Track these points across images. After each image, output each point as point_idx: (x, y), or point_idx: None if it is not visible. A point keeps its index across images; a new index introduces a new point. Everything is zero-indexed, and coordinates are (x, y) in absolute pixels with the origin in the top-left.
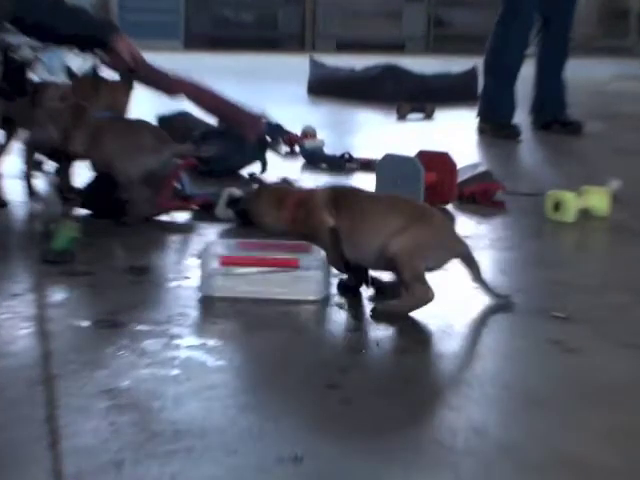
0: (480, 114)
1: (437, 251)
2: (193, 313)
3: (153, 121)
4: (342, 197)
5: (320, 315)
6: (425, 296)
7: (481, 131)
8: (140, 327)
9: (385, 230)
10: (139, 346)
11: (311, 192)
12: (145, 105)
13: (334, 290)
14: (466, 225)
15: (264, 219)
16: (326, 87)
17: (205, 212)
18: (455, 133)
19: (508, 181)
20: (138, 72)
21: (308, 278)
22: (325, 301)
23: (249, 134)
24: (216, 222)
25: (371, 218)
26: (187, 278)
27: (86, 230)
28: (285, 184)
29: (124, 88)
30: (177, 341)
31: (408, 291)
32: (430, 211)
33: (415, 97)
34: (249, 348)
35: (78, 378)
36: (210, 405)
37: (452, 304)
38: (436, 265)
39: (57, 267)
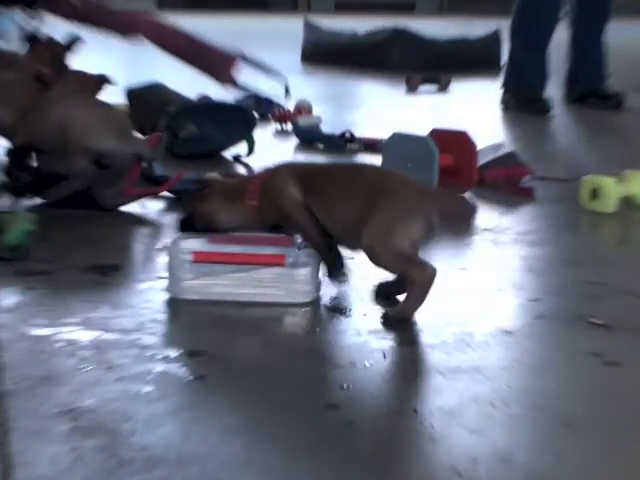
0: (505, 85)
1: (415, 223)
2: (168, 319)
3: (121, 95)
4: (306, 175)
5: (313, 320)
6: (423, 276)
7: (506, 105)
8: (106, 336)
9: (352, 213)
10: (105, 358)
11: (273, 173)
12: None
13: (328, 290)
14: (488, 216)
15: (219, 217)
16: (323, 54)
17: (180, 200)
18: (474, 108)
19: (537, 164)
20: (88, 14)
21: (297, 277)
22: (316, 303)
23: (221, 77)
24: None
25: (335, 199)
26: (160, 278)
27: (42, 222)
28: (228, 177)
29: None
30: (149, 352)
31: (408, 280)
32: (393, 180)
33: (427, 66)
34: (233, 361)
35: (34, 396)
36: (188, 428)
37: (471, 308)
38: (426, 237)
39: (9, 265)
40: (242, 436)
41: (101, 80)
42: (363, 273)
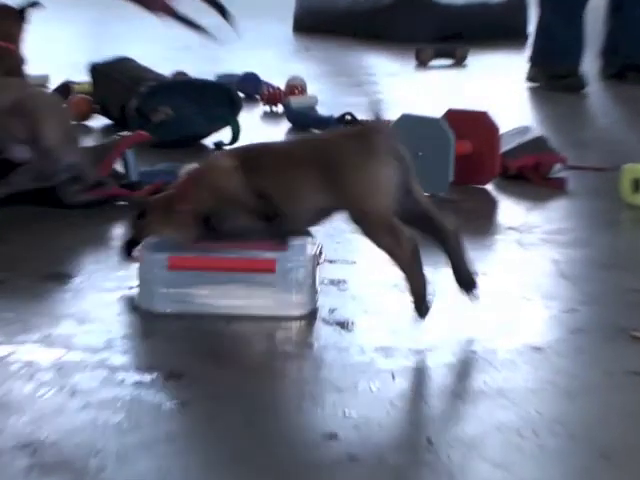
0: (532, 58)
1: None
2: (140, 336)
3: (84, 71)
4: (252, 160)
5: (308, 336)
6: (397, 249)
7: (533, 81)
8: (69, 356)
9: (310, 191)
10: (68, 382)
11: (208, 163)
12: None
13: (326, 300)
14: (512, 213)
15: (164, 235)
16: (318, 22)
17: None
18: (496, 85)
19: (569, 151)
20: None
21: (289, 285)
22: (313, 316)
23: (153, 4)
24: None
25: (289, 179)
26: (131, 288)
27: None
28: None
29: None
30: (120, 375)
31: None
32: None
33: (441, 36)
34: (216, 385)
35: None
36: (166, 463)
37: (494, 321)
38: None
39: None
40: (228, 472)
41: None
42: (367, 280)
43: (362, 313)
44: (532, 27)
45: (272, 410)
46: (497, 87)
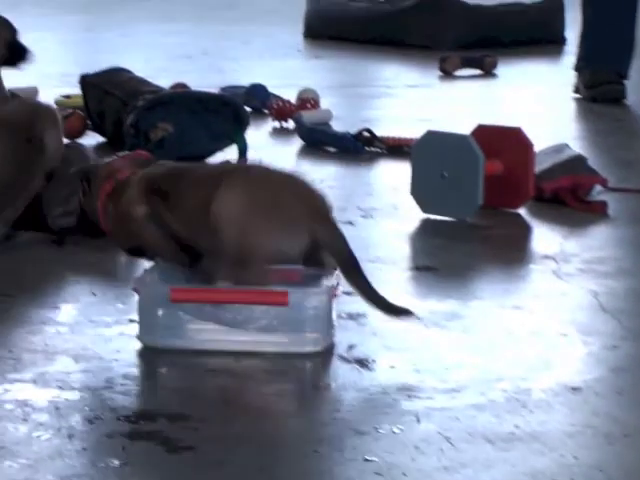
0: (575, 65)
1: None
2: (142, 375)
3: (75, 83)
4: (172, 180)
5: (325, 375)
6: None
7: (577, 92)
8: (66, 395)
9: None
10: (65, 424)
11: (124, 204)
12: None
13: (344, 335)
14: (548, 240)
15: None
16: (332, 28)
17: None
18: (529, 97)
19: (611, 171)
20: None
21: (303, 320)
22: (329, 353)
23: None
24: None
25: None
26: (131, 322)
27: None
28: None
29: None
30: (121, 417)
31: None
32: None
33: (468, 42)
34: (225, 428)
35: None
36: None
37: (528, 358)
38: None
39: None
40: None
41: None
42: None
43: (383, 350)
44: (570, 31)
45: (286, 455)
46: (531, 100)
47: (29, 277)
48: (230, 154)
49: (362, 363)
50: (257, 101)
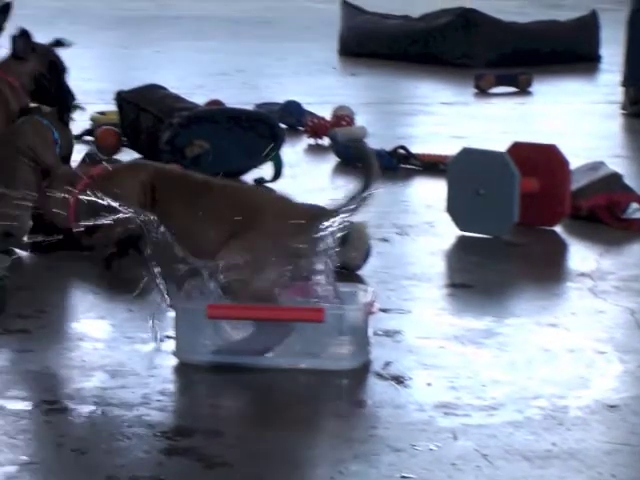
0: (623, 81)
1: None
2: (178, 391)
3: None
4: (163, 179)
5: (361, 392)
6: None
7: (624, 108)
8: (103, 410)
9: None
10: (102, 439)
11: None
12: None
13: (380, 352)
14: (584, 257)
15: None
16: (367, 45)
17: None
18: (565, 115)
19: None
20: None
21: (339, 337)
22: (365, 370)
23: None
24: None
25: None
26: (168, 338)
27: (17, 267)
28: None
29: None
30: (157, 432)
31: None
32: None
33: (503, 60)
34: (260, 444)
35: None
36: None
37: (564, 376)
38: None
39: None
40: None
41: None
42: (424, 331)
43: (419, 367)
44: (605, 49)
45: (322, 472)
46: (566, 117)
47: (63, 293)
48: (265, 171)
49: (398, 380)
50: (292, 118)
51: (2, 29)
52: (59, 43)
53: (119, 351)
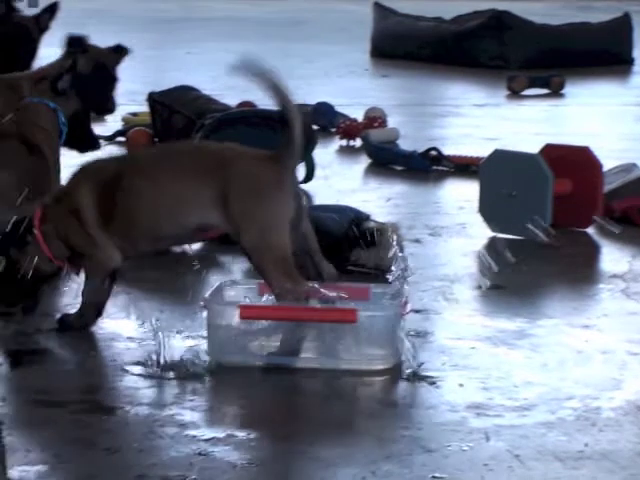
0: None
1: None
2: (211, 390)
3: (143, 100)
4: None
5: (393, 393)
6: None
7: None
8: (135, 411)
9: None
10: (134, 438)
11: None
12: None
13: (410, 354)
14: (617, 258)
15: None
16: (399, 47)
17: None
18: (598, 117)
19: None
20: None
21: (371, 337)
22: (397, 370)
23: None
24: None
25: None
26: (203, 337)
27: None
28: None
29: None
30: (190, 432)
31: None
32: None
33: (536, 62)
34: (292, 442)
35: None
36: None
37: (597, 377)
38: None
39: (7, 320)
40: None
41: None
42: (455, 332)
43: (451, 368)
44: (636, 51)
45: (354, 472)
46: (599, 119)
47: None
48: (298, 172)
49: (430, 381)
50: (324, 120)
51: (47, 28)
52: (119, 48)
53: (151, 351)
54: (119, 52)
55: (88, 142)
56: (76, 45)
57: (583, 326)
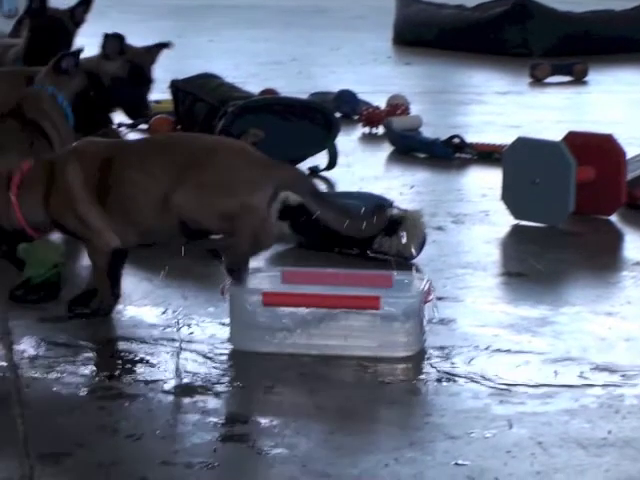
0: None
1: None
2: (233, 377)
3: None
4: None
5: (415, 380)
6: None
7: None
8: (159, 398)
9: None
10: (158, 425)
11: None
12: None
13: (434, 340)
14: (639, 246)
15: None
16: (421, 35)
17: None
18: (621, 105)
19: None
20: None
21: (395, 324)
22: (420, 358)
23: None
24: None
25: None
26: (223, 325)
27: (72, 253)
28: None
29: None
30: (213, 419)
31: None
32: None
33: (559, 49)
34: (314, 430)
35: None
36: None
37: (621, 364)
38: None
39: (33, 309)
40: None
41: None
42: (478, 319)
43: (474, 355)
44: None
45: (377, 459)
46: (622, 107)
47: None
48: (320, 159)
49: (453, 368)
50: (347, 107)
51: (83, 21)
52: (163, 45)
53: (175, 339)
54: (156, 50)
55: (97, 121)
56: (113, 46)
57: (606, 313)
